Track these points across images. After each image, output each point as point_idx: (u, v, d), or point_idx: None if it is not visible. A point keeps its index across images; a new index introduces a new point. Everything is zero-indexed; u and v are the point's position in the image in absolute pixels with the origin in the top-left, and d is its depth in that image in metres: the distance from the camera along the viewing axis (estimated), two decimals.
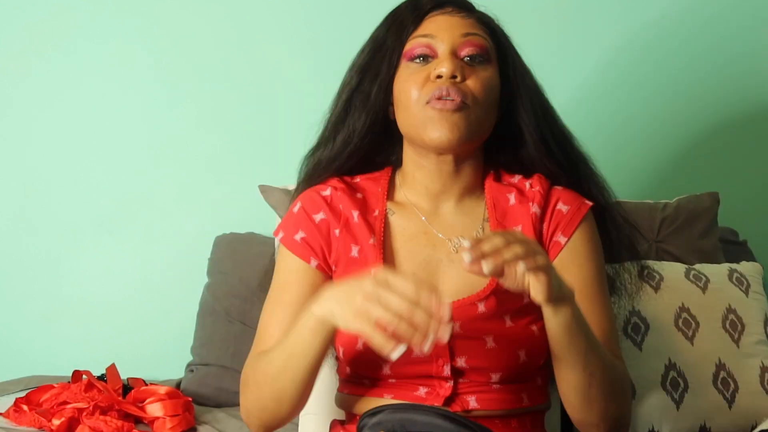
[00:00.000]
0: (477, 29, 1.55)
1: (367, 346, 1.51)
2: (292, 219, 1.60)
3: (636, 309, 1.99)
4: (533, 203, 1.57)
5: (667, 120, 2.48)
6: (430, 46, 1.53)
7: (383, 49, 1.56)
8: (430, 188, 1.58)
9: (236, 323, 2.19)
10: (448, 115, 1.49)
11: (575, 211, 1.57)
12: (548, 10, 2.44)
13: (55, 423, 1.85)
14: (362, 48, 1.61)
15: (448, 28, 1.53)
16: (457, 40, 1.52)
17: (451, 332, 1.48)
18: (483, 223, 1.58)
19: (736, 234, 2.37)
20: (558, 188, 1.60)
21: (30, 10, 2.40)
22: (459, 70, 1.50)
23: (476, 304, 1.51)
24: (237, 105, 2.43)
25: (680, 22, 2.48)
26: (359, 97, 1.58)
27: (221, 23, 2.43)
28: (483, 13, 1.59)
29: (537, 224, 1.56)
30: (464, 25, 1.54)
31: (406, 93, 1.53)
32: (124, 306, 2.42)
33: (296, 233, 1.58)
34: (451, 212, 1.59)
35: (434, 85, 1.50)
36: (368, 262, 1.54)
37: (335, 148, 1.61)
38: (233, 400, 2.12)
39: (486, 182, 1.60)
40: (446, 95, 1.49)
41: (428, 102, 1.50)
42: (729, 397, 1.95)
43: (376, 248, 1.54)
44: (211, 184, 2.43)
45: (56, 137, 2.42)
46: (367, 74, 1.57)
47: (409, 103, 1.52)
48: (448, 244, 1.56)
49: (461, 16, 1.55)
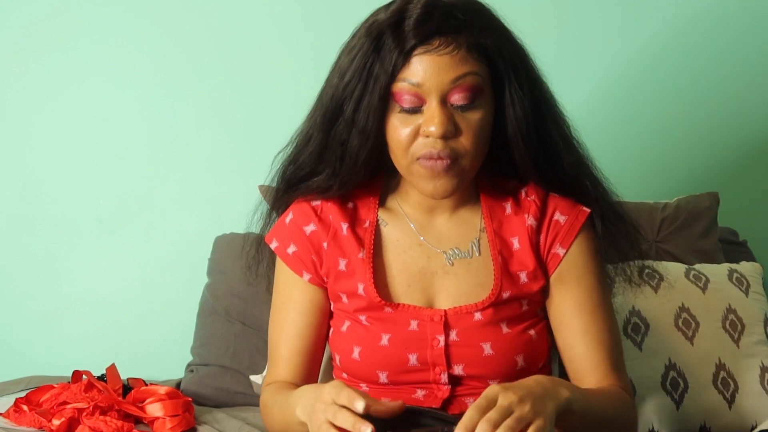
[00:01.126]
0: (467, 65, 1.43)
1: (363, 357, 1.53)
2: (285, 231, 1.59)
3: (636, 309, 1.99)
4: (528, 215, 1.55)
5: (667, 120, 2.48)
6: (417, 94, 1.43)
7: (370, 83, 1.46)
8: (423, 203, 1.56)
9: (236, 323, 2.19)
10: (439, 175, 1.45)
11: (573, 221, 1.55)
12: (549, 12, 2.44)
13: (55, 423, 1.85)
14: (342, 67, 1.49)
15: (436, 74, 1.42)
16: (446, 87, 1.42)
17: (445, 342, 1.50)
18: (479, 234, 1.56)
19: (736, 234, 2.37)
20: (554, 196, 1.57)
21: (30, 10, 2.40)
22: (449, 127, 1.43)
23: (473, 313, 1.51)
24: (237, 105, 2.43)
25: (680, 23, 2.48)
26: (352, 128, 1.48)
27: (221, 23, 2.43)
28: (474, 30, 1.45)
29: (533, 236, 1.55)
30: (453, 66, 1.42)
31: (396, 143, 1.46)
32: (124, 306, 2.42)
33: (288, 246, 1.58)
34: (445, 223, 1.57)
35: (424, 144, 1.44)
36: (356, 276, 1.53)
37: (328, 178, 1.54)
38: (233, 400, 2.12)
39: (481, 191, 1.58)
40: (437, 157, 1.44)
41: (418, 159, 1.45)
42: (729, 397, 1.95)
43: (366, 262, 1.53)
44: (211, 184, 2.43)
45: (56, 137, 2.42)
46: (359, 108, 1.47)
47: (398, 154, 1.47)
48: (443, 256, 1.55)
49: (449, 52, 1.42)
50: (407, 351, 1.50)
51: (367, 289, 1.52)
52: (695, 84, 2.48)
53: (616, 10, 2.46)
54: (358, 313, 1.54)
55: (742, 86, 2.49)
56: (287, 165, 1.60)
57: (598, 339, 1.54)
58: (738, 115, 2.49)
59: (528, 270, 1.54)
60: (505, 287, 1.52)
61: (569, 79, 2.42)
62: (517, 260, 1.54)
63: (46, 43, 2.41)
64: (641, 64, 2.47)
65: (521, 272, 1.53)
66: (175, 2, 2.42)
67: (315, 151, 1.53)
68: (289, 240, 1.58)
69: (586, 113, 2.41)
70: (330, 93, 1.50)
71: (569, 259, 1.55)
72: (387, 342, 1.51)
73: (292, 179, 1.59)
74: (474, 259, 1.55)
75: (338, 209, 1.57)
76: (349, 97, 1.47)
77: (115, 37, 2.41)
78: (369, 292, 1.52)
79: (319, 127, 1.52)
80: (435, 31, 1.43)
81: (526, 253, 1.54)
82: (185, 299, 2.34)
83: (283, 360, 1.57)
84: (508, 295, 1.52)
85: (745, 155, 2.50)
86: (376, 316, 1.53)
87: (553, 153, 1.54)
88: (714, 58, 2.48)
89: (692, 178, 2.47)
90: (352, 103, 1.47)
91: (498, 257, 1.53)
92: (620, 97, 2.47)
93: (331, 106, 1.50)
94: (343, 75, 1.48)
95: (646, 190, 2.42)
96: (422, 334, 1.51)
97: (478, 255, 1.55)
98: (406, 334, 1.51)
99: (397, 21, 1.45)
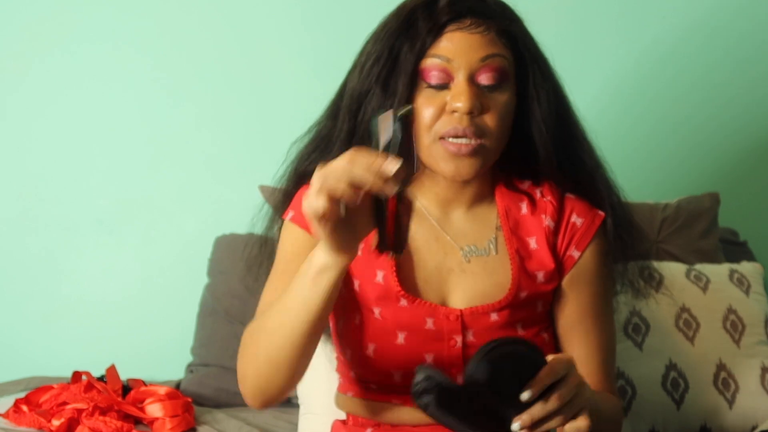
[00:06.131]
0: (496, 47, 1.45)
1: (378, 355, 1.49)
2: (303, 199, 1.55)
3: (637, 309, 1.99)
4: (546, 215, 1.54)
5: (668, 121, 2.48)
6: (446, 70, 1.44)
7: (398, 63, 1.47)
8: (440, 195, 1.54)
9: (236, 323, 2.19)
10: (463, 157, 1.45)
11: (589, 224, 1.55)
12: (551, 14, 2.43)
13: (55, 424, 1.85)
14: (369, 52, 1.50)
15: (466, 51, 1.44)
16: (475, 65, 1.44)
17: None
18: (496, 232, 1.54)
19: (737, 234, 2.37)
20: (570, 197, 1.56)
21: (30, 10, 2.39)
22: (476, 103, 1.43)
23: (489, 313, 1.49)
24: (237, 105, 2.43)
25: (682, 24, 2.48)
26: (381, 109, 1.46)
27: (221, 24, 2.43)
28: (504, 19, 1.48)
29: (551, 237, 1.53)
30: (483, 45, 1.44)
31: (420, 120, 1.46)
32: (124, 306, 2.42)
33: None
34: (461, 218, 1.55)
35: (449, 120, 1.44)
36: (375, 262, 1.49)
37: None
38: (233, 400, 2.12)
39: (497, 189, 1.56)
40: (462, 135, 1.43)
41: (443, 137, 1.45)
42: (729, 397, 1.95)
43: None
44: (211, 185, 2.43)
45: (56, 137, 2.42)
46: (387, 89, 1.47)
47: (422, 132, 1.46)
48: (459, 252, 1.53)
49: (480, 31, 1.45)
50: (424, 351, 1.48)
51: (388, 277, 1.49)
52: (696, 85, 2.48)
53: (619, 12, 2.46)
54: (371, 304, 1.50)
55: (743, 87, 2.49)
56: (303, 157, 1.57)
57: (597, 344, 1.54)
58: (739, 116, 2.49)
59: (547, 270, 1.52)
60: (523, 287, 1.50)
61: (571, 80, 2.42)
62: (535, 260, 1.52)
63: (46, 43, 2.40)
64: (643, 66, 2.47)
65: (539, 272, 1.52)
66: (175, 3, 2.42)
67: (341, 137, 1.51)
68: None
69: (586, 114, 2.41)
70: (357, 76, 1.50)
71: (582, 262, 1.54)
72: (403, 340, 1.48)
73: (309, 171, 1.49)
74: (491, 257, 1.53)
75: None
76: (377, 77, 1.48)
77: (116, 38, 2.41)
78: (389, 280, 1.48)
79: (345, 111, 1.51)
80: (468, 11, 1.46)
81: (544, 253, 1.53)
82: (185, 299, 2.34)
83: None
84: (525, 295, 1.50)
85: (745, 155, 2.50)
86: (390, 309, 1.49)
87: (574, 151, 1.55)
88: (714, 58, 2.48)
89: (693, 178, 2.46)
90: (381, 82, 1.47)
91: (516, 256, 1.52)
92: (622, 98, 2.47)
93: (358, 88, 1.50)
94: (370, 56, 1.49)
95: (646, 190, 2.41)
96: (439, 334, 1.48)
97: (495, 253, 1.53)
98: (423, 332, 1.48)
99: (429, 1, 1.48)
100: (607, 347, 1.56)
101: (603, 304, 1.56)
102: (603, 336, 1.55)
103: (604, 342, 1.55)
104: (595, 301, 1.55)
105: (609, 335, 1.57)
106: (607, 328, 1.57)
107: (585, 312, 1.54)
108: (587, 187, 1.56)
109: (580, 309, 1.54)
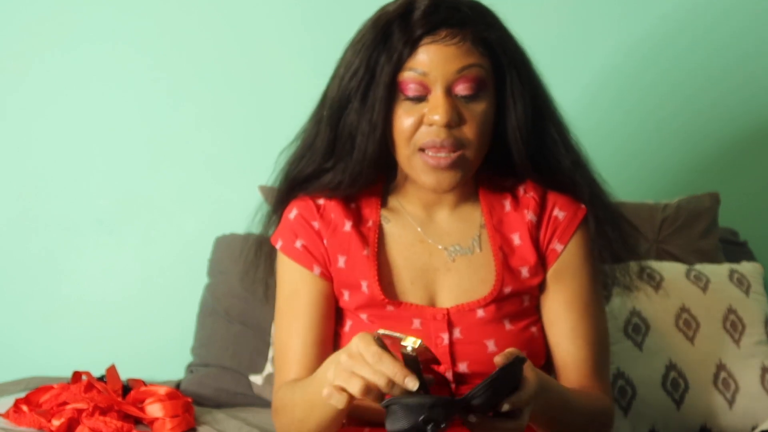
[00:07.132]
0: (472, 57, 1.46)
1: None
2: (289, 226, 1.58)
3: (636, 309, 1.99)
4: (528, 210, 1.56)
5: (667, 120, 2.48)
6: (423, 83, 1.45)
7: (375, 75, 1.47)
8: (423, 199, 1.57)
9: (236, 324, 2.19)
10: (443, 170, 1.47)
11: (572, 218, 1.56)
12: (549, 10, 2.44)
13: (55, 424, 1.85)
14: (347, 63, 1.50)
15: (442, 64, 1.44)
16: (451, 77, 1.45)
17: (450, 339, 1.49)
18: (480, 230, 1.57)
19: (737, 234, 2.37)
20: (553, 193, 1.57)
21: (30, 10, 2.39)
22: (453, 115, 1.45)
23: (475, 310, 1.51)
24: (237, 105, 2.43)
25: (682, 23, 2.47)
26: (361, 120, 1.49)
27: (221, 24, 2.43)
28: (480, 25, 1.48)
29: (533, 232, 1.55)
30: (459, 56, 1.45)
31: (399, 132, 1.47)
32: (124, 306, 2.42)
33: (295, 240, 1.57)
34: (446, 219, 1.57)
35: (428, 132, 1.45)
36: (359, 273, 1.53)
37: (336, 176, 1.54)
38: (233, 400, 2.12)
39: (480, 188, 1.58)
40: (440, 148, 1.45)
41: (422, 149, 1.46)
42: (729, 397, 1.95)
43: (370, 259, 1.53)
44: (211, 185, 2.43)
45: (56, 137, 2.42)
46: (365, 101, 1.48)
47: (401, 144, 1.48)
48: (444, 253, 1.55)
49: (455, 42, 1.45)
50: None
51: (371, 286, 1.52)
52: (697, 86, 2.48)
53: (618, 8, 2.46)
54: (359, 311, 1.54)
55: (743, 87, 2.48)
56: (292, 164, 1.59)
57: (584, 338, 1.54)
58: (739, 116, 2.49)
59: (530, 265, 1.54)
60: (507, 282, 1.52)
61: (569, 80, 2.42)
62: (518, 255, 1.54)
63: (46, 43, 2.40)
64: (644, 67, 2.47)
65: (522, 267, 1.54)
66: (175, 3, 2.42)
67: (323, 146, 1.54)
68: (296, 235, 1.57)
69: (587, 114, 2.41)
70: (337, 86, 1.52)
71: (566, 255, 1.55)
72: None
73: (298, 178, 1.58)
74: (475, 255, 1.55)
75: (341, 208, 1.56)
76: (356, 89, 1.49)
77: (116, 38, 2.41)
78: (373, 289, 1.52)
79: (327, 121, 1.53)
80: (442, 22, 1.46)
81: (527, 248, 1.55)
82: (185, 300, 2.34)
83: (295, 355, 1.53)
84: (509, 291, 1.52)
85: (745, 155, 2.50)
86: (377, 314, 1.53)
87: (550, 152, 1.55)
88: (714, 59, 2.48)
89: (693, 178, 2.46)
90: (360, 94, 1.48)
91: (499, 252, 1.54)
92: (622, 98, 2.47)
93: (338, 98, 1.51)
94: (349, 67, 1.50)
95: (646, 190, 2.42)
96: (426, 333, 1.51)
97: (479, 251, 1.55)
98: (411, 333, 1.50)
99: (404, 12, 1.48)
100: (594, 343, 1.55)
101: (589, 299, 1.56)
102: (591, 332, 1.55)
103: (591, 337, 1.55)
104: (580, 295, 1.55)
105: (597, 331, 1.56)
106: (595, 323, 1.56)
107: (570, 305, 1.54)
108: (566, 186, 1.57)
109: (566, 302, 1.55)
